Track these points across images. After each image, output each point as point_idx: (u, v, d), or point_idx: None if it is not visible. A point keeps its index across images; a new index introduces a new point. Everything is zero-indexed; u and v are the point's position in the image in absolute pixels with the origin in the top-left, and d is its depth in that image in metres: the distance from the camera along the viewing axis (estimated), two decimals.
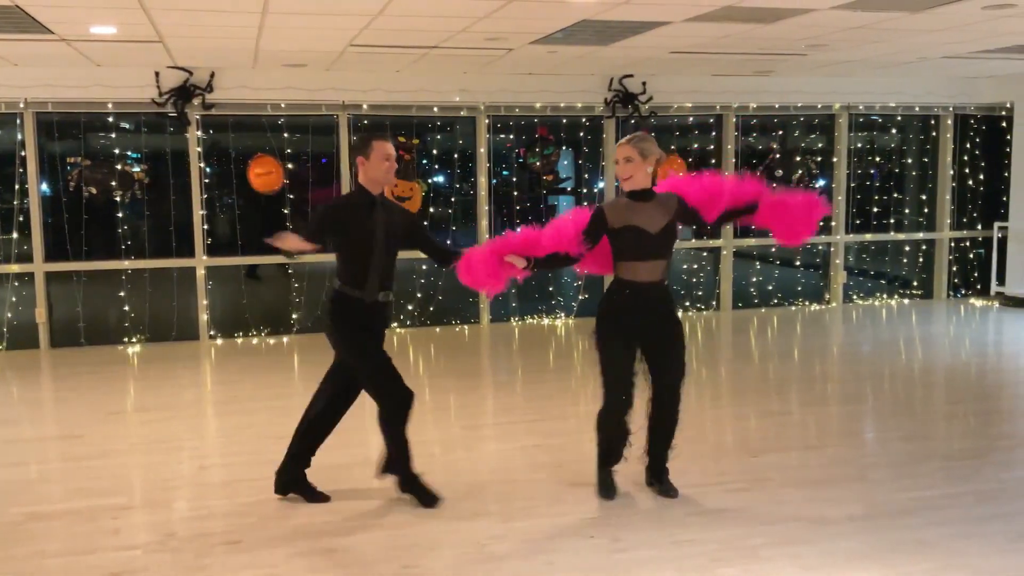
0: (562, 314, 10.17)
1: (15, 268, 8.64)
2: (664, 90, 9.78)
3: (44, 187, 8.78)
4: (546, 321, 10.02)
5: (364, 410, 6.65)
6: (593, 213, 4.38)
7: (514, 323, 9.95)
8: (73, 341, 8.85)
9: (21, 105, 8.43)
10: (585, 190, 10.31)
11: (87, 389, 7.37)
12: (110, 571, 3.86)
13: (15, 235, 8.64)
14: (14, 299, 8.73)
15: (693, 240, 10.57)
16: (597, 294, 9.01)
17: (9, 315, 8.71)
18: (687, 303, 10.44)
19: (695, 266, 10.67)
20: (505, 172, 10.13)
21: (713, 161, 10.45)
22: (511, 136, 10.06)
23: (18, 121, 8.55)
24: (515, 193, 9.99)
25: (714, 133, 10.49)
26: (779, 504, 4.53)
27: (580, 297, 10.21)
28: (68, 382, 7.69)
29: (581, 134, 10.15)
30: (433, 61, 8.30)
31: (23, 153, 8.56)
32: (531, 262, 4.30)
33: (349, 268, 4.40)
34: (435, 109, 9.45)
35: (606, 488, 4.65)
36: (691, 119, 10.37)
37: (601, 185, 10.10)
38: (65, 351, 8.74)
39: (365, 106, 9.21)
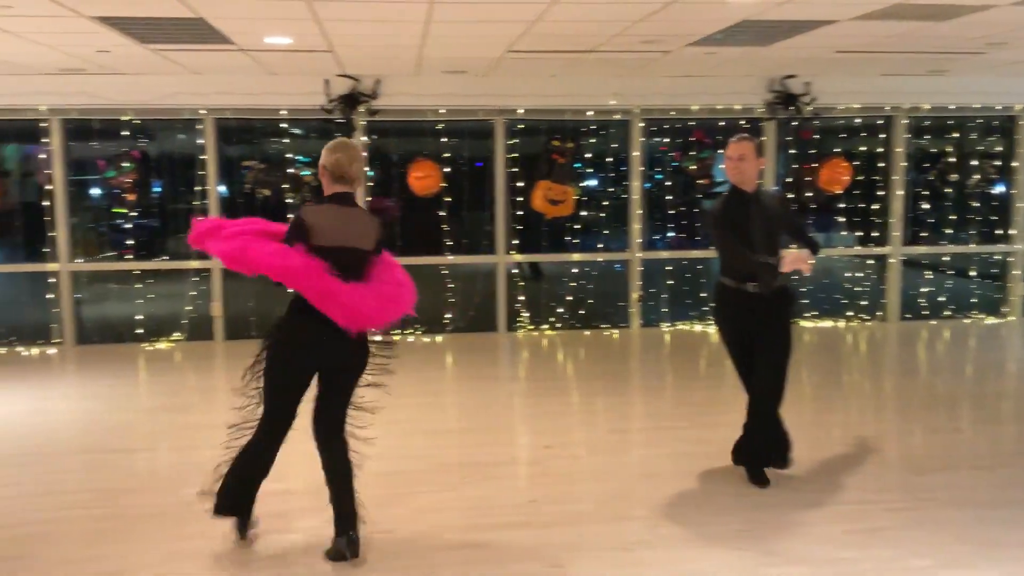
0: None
1: (195, 265, 9.27)
2: (829, 91, 9.41)
3: (222, 189, 9.37)
4: (698, 327, 9.85)
5: (491, 409, 6.72)
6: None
7: (665, 328, 9.83)
8: (245, 334, 9.40)
9: (202, 112, 9.04)
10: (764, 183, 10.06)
11: None
12: (274, 553, 4.08)
13: None
14: (193, 294, 9.36)
15: (857, 247, 10.14)
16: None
17: (189, 308, 9.34)
18: (849, 312, 10.02)
19: (859, 274, 10.22)
20: (659, 176, 10.04)
21: (882, 165, 9.99)
22: (666, 139, 9.95)
23: (199, 126, 9.17)
24: (668, 197, 9.88)
25: (883, 135, 10.02)
26: (945, 525, 4.29)
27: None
28: (240, 372, 8.14)
29: None
30: (588, 65, 8.32)
31: (203, 157, 9.18)
32: None
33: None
34: (589, 113, 9.47)
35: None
36: (858, 120, 9.95)
37: None
38: (238, 343, 9.30)
39: (521, 110, 9.34)
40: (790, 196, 9.89)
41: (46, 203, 9.01)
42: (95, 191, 9.47)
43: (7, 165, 9.38)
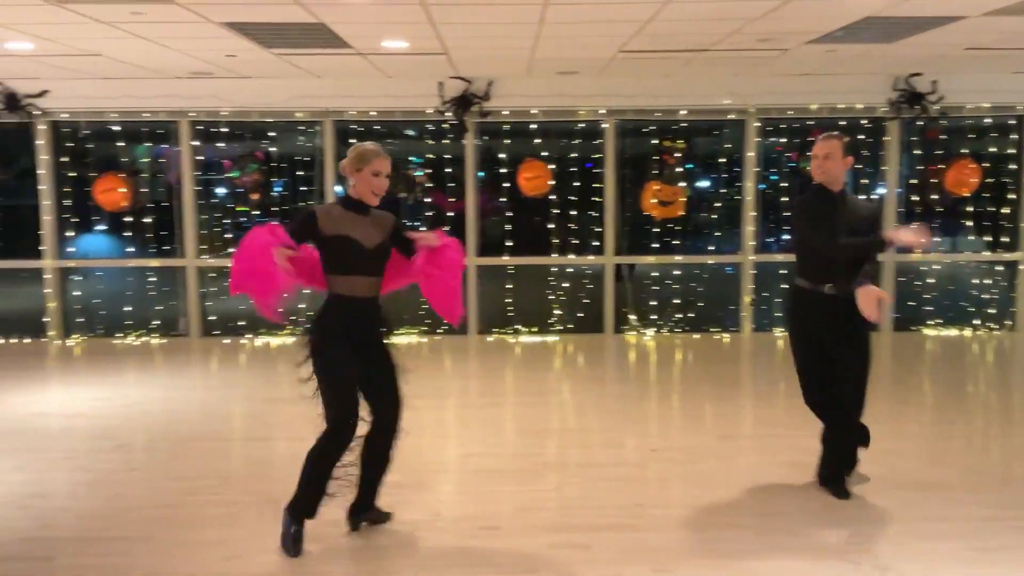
0: None
1: None
2: (957, 89, 9.00)
3: (338, 189, 9.64)
4: None
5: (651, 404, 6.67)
6: (304, 214, 4.07)
7: (777, 333, 9.59)
8: None
9: (322, 114, 9.33)
10: (863, 196, 9.74)
11: None
12: (383, 543, 4.17)
13: None
14: (307, 292, 9.65)
15: (985, 253, 9.67)
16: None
17: (304, 305, 9.64)
18: (976, 320, 9.56)
19: (987, 281, 9.73)
20: (774, 177, 9.80)
21: (1014, 166, 9.49)
22: (782, 139, 9.71)
23: (318, 128, 9.46)
24: (784, 199, 9.64)
25: (1015, 136, 9.51)
26: None
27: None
28: None
29: (860, 137, 9.58)
30: (702, 64, 8.20)
31: (321, 157, 9.46)
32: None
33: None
34: (703, 113, 9.33)
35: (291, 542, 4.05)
36: (988, 120, 9.48)
37: (881, 191, 9.49)
38: None
39: (632, 111, 9.28)
40: (915, 199, 9.52)
41: (175, 202, 9.48)
42: (220, 190, 9.90)
43: (139, 165, 9.89)
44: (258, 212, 9.71)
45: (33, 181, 9.44)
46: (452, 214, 9.52)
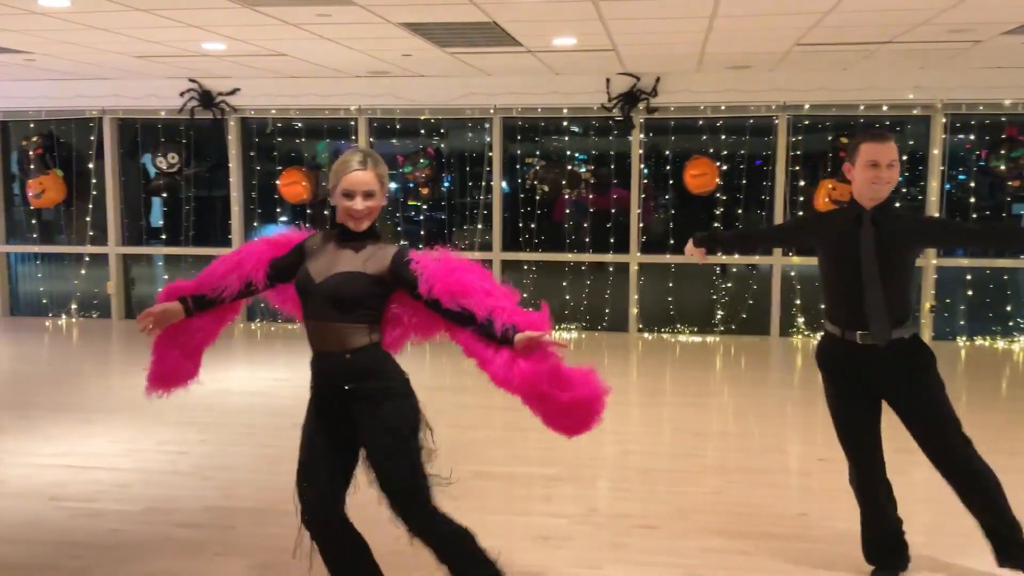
0: (1021, 338, 9.00)
1: (476, 255, 9.78)
2: None
3: (504, 185, 9.80)
4: (1000, 344, 8.94)
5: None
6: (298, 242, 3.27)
7: (960, 343, 9.02)
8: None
9: (491, 111, 9.50)
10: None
11: None
12: (540, 534, 4.22)
13: (479, 226, 9.77)
14: None
15: None
16: None
17: None
18: None
19: None
20: (961, 176, 9.20)
21: None
22: (971, 136, 9.11)
23: (486, 125, 9.65)
24: (972, 200, 9.03)
25: None
26: None
27: None
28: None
29: None
30: (885, 57, 7.80)
31: (490, 154, 9.65)
32: (188, 304, 3.26)
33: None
34: (884, 108, 8.87)
35: None
36: None
37: None
38: None
39: (807, 106, 8.95)
40: None
41: None
42: (392, 185, 10.26)
43: (318, 160, 10.39)
44: (426, 207, 10.01)
45: (224, 174, 10.11)
46: (594, 210, 9.56)
